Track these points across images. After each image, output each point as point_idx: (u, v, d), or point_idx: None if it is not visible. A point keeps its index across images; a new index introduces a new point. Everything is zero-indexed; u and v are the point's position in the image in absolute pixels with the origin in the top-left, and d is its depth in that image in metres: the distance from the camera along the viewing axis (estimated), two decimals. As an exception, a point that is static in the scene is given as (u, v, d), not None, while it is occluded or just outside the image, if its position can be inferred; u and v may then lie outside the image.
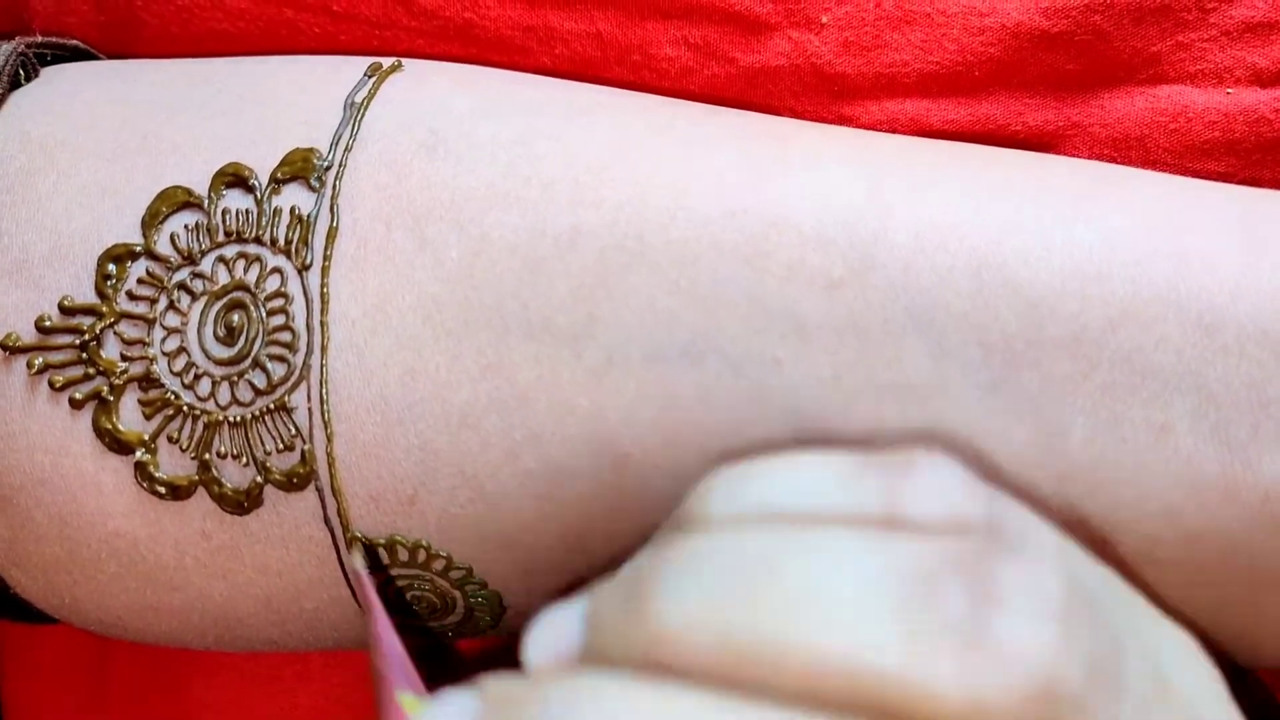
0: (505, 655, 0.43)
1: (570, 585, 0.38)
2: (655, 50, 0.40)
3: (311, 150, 0.37)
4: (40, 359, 0.37)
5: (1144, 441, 0.34)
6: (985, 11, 0.39)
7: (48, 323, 0.37)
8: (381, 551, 0.37)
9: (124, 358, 0.37)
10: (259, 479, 0.37)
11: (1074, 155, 0.40)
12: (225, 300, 0.37)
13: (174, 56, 0.42)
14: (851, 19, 0.39)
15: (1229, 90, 0.39)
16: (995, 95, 0.40)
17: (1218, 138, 0.39)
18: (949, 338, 0.34)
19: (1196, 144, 0.39)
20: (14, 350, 0.38)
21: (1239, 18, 0.39)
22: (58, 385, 0.37)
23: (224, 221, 0.37)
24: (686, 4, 0.39)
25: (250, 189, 0.37)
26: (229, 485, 0.37)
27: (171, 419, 0.37)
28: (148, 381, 0.37)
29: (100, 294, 0.37)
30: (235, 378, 0.37)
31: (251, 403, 0.37)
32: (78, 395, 0.37)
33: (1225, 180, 0.39)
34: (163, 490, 0.37)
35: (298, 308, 0.36)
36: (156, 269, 0.37)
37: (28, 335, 0.38)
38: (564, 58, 0.40)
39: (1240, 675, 0.35)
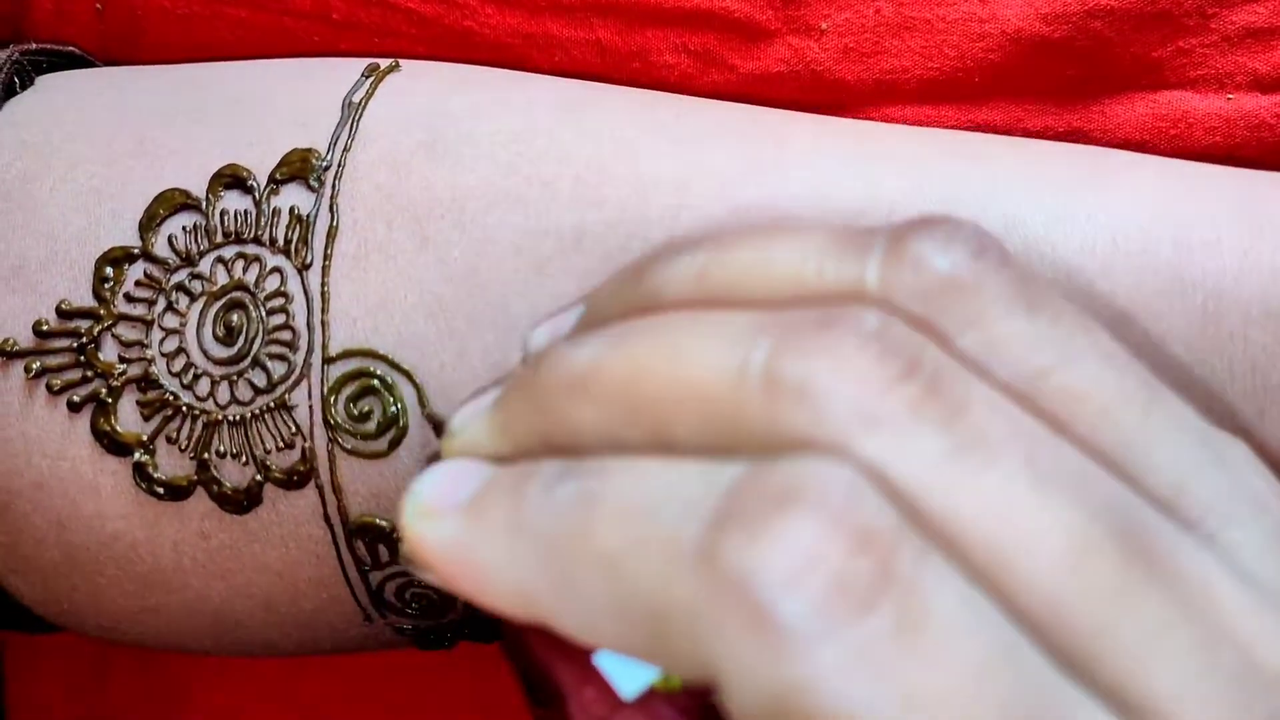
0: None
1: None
2: (655, 58, 0.40)
3: (310, 150, 0.37)
4: (38, 363, 0.37)
5: None
6: (985, 18, 0.39)
7: (45, 327, 0.37)
8: (382, 549, 0.37)
9: (122, 359, 0.37)
10: (259, 477, 0.37)
11: (1075, 161, 0.40)
12: (224, 300, 0.37)
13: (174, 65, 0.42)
14: (851, 25, 0.39)
15: (1230, 96, 0.39)
16: (995, 101, 0.39)
17: (1219, 143, 0.39)
18: None
19: (1197, 150, 0.39)
20: (11, 355, 0.38)
21: (1240, 23, 0.39)
22: (56, 389, 0.37)
23: (222, 222, 0.37)
24: (686, 11, 0.39)
25: (248, 190, 0.37)
26: (228, 484, 0.37)
27: (170, 419, 0.37)
28: (146, 382, 0.37)
29: (98, 297, 0.37)
30: (235, 377, 0.37)
31: (251, 401, 0.37)
32: (76, 398, 0.37)
33: (1226, 185, 0.39)
34: (161, 491, 0.37)
35: (298, 307, 0.36)
36: (154, 271, 0.37)
37: (25, 340, 0.38)
38: (564, 65, 0.40)
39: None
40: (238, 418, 0.37)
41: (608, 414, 0.28)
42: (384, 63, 0.39)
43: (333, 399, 0.36)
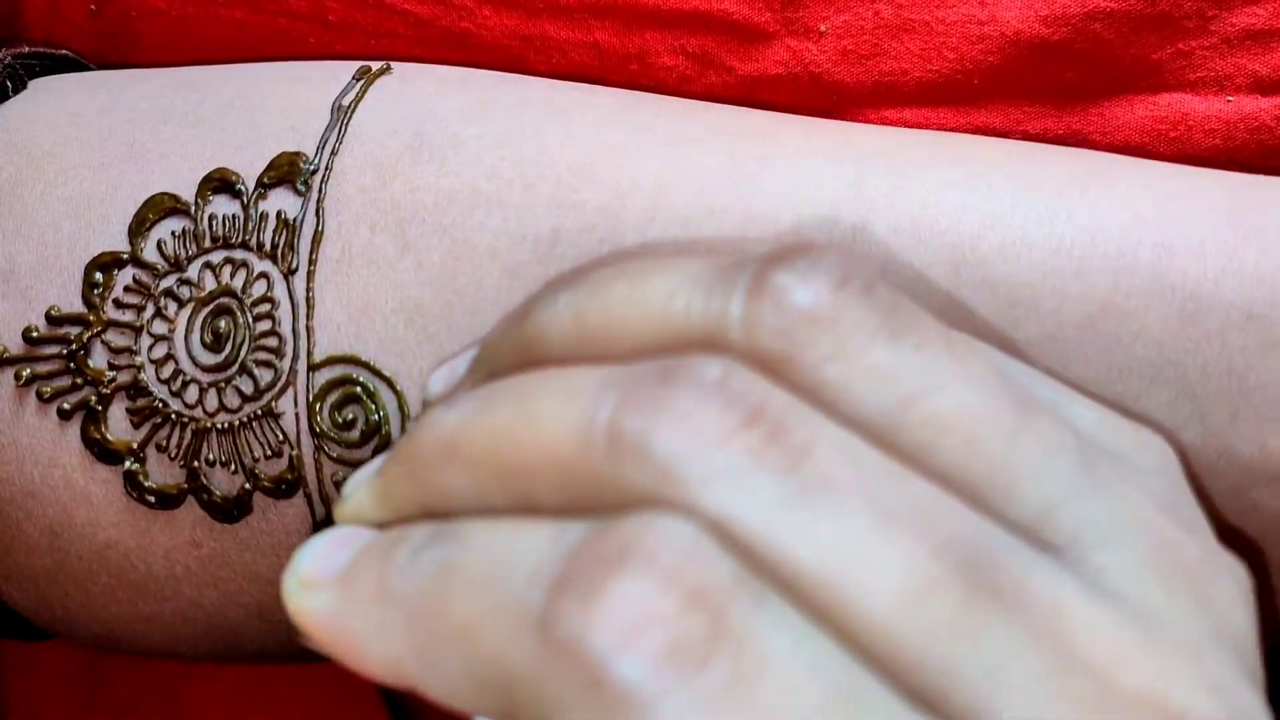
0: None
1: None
2: (653, 60, 0.40)
3: (298, 154, 0.37)
4: (28, 370, 0.37)
5: None
6: (984, 20, 0.38)
7: (35, 333, 0.37)
8: None
9: (112, 366, 0.37)
10: (248, 485, 0.37)
11: (1074, 163, 0.40)
12: (212, 306, 0.37)
13: (169, 66, 0.42)
14: (850, 27, 0.39)
15: (1230, 98, 0.39)
16: (994, 104, 0.39)
17: (1219, 145, 0.39)
18: None
19: (1198, 153, 0.39)
20: (2, 362, 0.38)
21: (1240, 25, 0.39)
22: (46, 396, 0.37)
23: (211, 227, 0.37)
24: (685, 13, 0.39)
25: (237, 194, 0.37)
26: (218, 492, 0.37)
27: (160, 427, 0.37)
28: (135, 390, 0.37)
29: (87, 303, 0.37)
30: (223, 384, 0.37)
31: (239, 409, 0.37)
32: (66, 405, 0.37)
33: (1226, 187, 0.39)
34: (152, 499, 0.37)
35: (284, 312, 0.36)
36: (143, 276, 0.37)
37: (15, 346, 0.38)
38: (561, 67, 0.40)
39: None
40: (226, 425, 0.37)
41: (475, 479, 0.28)
42: (375, 65, 0.39)
43: (318, 406, 0.36)
